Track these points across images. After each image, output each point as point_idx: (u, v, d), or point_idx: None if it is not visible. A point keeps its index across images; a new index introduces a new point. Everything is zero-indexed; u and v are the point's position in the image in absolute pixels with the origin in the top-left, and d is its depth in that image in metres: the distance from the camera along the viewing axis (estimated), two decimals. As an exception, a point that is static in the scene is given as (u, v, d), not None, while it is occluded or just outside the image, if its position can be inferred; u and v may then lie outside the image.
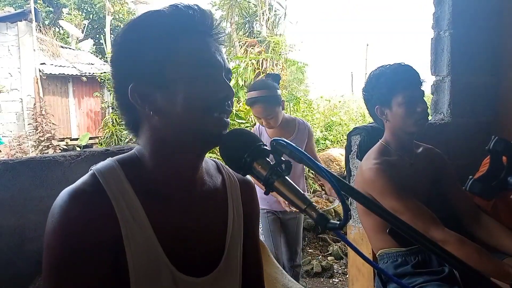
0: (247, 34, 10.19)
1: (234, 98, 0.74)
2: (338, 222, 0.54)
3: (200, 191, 0.76)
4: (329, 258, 4.17)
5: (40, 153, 7.50)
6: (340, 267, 3.98)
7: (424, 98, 1.48)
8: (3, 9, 10.50)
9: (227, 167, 0.86)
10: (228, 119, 0.72)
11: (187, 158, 0.72)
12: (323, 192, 4.75)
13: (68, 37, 13.75)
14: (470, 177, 1.10)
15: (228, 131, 0.70)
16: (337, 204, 2.23)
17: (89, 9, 14.48)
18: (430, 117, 2.15)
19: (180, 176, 0.73)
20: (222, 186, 0.82)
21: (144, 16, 0.71)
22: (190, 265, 0.72)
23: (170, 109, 0.67)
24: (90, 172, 0.69)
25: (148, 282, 0.67)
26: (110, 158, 0.72)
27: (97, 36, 15.45)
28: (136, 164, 0.72)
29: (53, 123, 8.32)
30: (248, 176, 0.86)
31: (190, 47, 0.68)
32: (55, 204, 0.65)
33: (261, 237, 2.30)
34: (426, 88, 1.53)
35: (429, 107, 1.66)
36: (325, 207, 2.20)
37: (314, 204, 0.56)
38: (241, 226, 0.83)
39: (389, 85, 1.47)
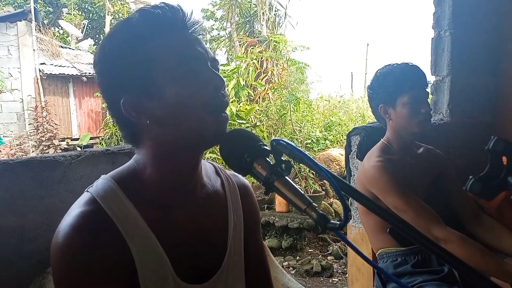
0: (247, 34, 10.17)
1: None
2: (338, 222, 0.54)
3: (200, 194, 0.76)
4: (329, 257, 4.18)
5: (41, 153, 7.49)
6: (340, 266, 3.99)
7: (428, 99, 1.48)
8: (3, 9, 10.49)
9: (224, 170, 0.86)
10: (227, 113, 0.70)
11: (187, 159, 0.71)
12: (323, 192, 4.76)
13: (67, 37, 13.74)
14: (470, 177, 1.10)
15: (228, 130, 0.69)
16: None
17: (89, 8, 14.50)
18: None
19: (180, 179, 0.72)
20: (221, 189, 0.81)
21: (116, 31, 0.70)
22: (193, 272, 0.72)
23: (166, 114, 0.66)
24: (89, 197, 0.67)
25: None
26: (104, 176, 0.71)
27: (97, 36, 15.44)
28: (135, 178, 0.71)
29: (55, 123, 8.33)
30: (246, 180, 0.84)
31: (168, 45, 0.67)
32: (59, 239, 0.62)
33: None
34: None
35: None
36: None
37: (314, 204, 0.56)
38: (241, 229, 0.82)
39: (396, 84, 1.46)
